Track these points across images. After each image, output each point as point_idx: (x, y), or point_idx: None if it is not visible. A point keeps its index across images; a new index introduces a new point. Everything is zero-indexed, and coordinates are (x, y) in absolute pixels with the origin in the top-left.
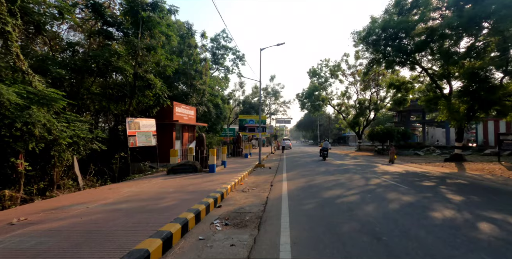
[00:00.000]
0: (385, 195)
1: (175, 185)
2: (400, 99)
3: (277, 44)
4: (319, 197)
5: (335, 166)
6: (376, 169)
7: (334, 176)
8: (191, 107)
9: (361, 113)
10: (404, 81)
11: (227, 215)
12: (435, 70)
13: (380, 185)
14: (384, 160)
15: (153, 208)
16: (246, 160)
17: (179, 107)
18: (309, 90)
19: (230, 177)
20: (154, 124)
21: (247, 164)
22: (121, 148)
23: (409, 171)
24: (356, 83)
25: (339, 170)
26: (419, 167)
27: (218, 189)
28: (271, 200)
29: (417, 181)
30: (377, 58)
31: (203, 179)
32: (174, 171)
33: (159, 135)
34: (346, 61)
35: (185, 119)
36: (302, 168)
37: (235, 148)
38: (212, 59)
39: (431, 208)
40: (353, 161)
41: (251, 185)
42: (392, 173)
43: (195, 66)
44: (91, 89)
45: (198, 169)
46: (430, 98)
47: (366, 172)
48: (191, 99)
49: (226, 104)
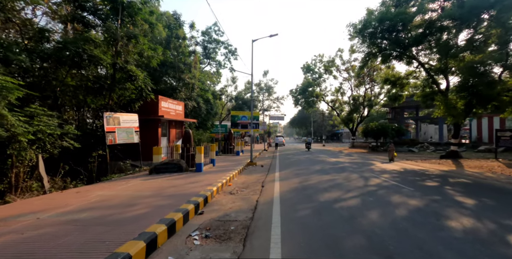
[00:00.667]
0: (388, 198)
1: (154, 187)
2: (396, 95)
3: (270, 35)
4: (315, 200)
5: (330, 164)
6: (373, 167)
7: (330, 175)
8: (179, 102)
9: (355, 110)
10: (399, 76)
11: (209, 224)
12: (432, 65)
13: (381, 185)
14: (379, 157)
15: (118, 219)
16: (238, 158)
17: (165, 101)
18: (302, 86)
19: (218, 177)
20: (136, 120)
21: (238, 162)
22: (100, 145)
23: (407, 169)
24: (350, 79)
25: (335, 169)
26: (416, 164)
27: (202, 192)
28: (261, 204)
29: (419, 180)
30: (373, 52)
31: (188, 179)
32: (157, 171)
33: (143, 131)
34: (340, 56)
35: (172, 114)
36: (295, 166)
37: (226, 145)
38: (203, 53)
39: (445, 215)
40: (348, 158)
41: (241, 185)
42: (391, 172)
43: (184, 59)
44: (65, 81)
45: (184, 168)
46: (426, 93)
47: (363, 170)
48: (179, 93)
49: (218, 100)
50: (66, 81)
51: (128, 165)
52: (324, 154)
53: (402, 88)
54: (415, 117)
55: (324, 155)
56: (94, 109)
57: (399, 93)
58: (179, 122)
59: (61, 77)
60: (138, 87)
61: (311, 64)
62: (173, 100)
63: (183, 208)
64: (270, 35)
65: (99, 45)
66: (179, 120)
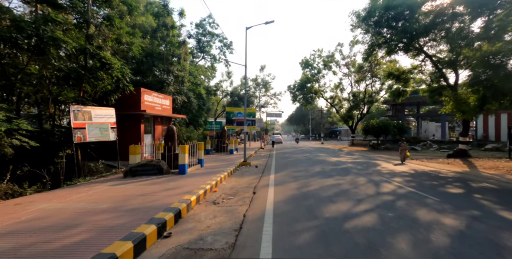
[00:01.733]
0: (413, 213)
1: (118, 196)
2: (399, 90)
3: (266, 23)
4: (319, 216)
5: (331, 164)
6: (379, 168)
7: (333, 179)
8: (166, 96)
9: (355, 106)
10: (404, 70)
11: (173, 256)
12: (440, 58)
13: (397, 193)
14: (382, 156)
15: (30, 255)
16: (231, 157)
17: (149, 95)
18: (301, 82)
19: (203, 181)
20: (113, 114)
21: (230, 162)
22: (69, 144)
23: (417, 171)
24: (350, 74)
25: (338, 170)
26: (424, 164)
27: (176, 203)
28: (249, 221)
29: (438, 186)
30: (378, 42)
31: (165, 184)
32: (133, 173)
33: (123, 128)
34: (340, 51)
35: (158, 109)
36: (293, 167)
37: (219, 143)
38: (197, 47)
39: (506, 245)
40: (350, 157)
41: (228, 192)
42: (401, 174)
43: (172, 50)
44: (26, 69)
45: (164, 171)
46: (433, 88)
47: (370, 172)
48: (168, 87)
49: (213, 96)
50: (27, 69)
51: (101, 167)
52: (323, 153)
53: (406, 83)
54: (416, 114)
55: (324, 154)
56: (63, 102)
57: (403, 89)
58: (167, 118)
59: (21, 65)
60: (114, 77)
61: (310, 59)
62: (158, 93)
63: (137, 233)
64: (265, 22)
65: (68, 28)
66: (166, 116)
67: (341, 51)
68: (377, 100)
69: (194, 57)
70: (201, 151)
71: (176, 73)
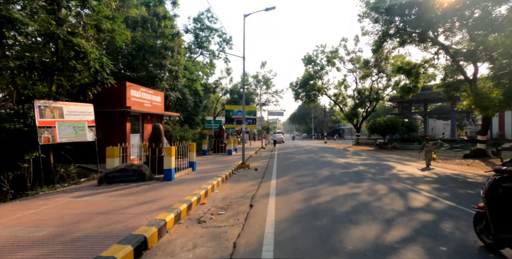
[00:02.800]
0: (473, 245)
1: (71, 216)
2: (410, 86)
3: (266, 9)
4: (339, 250)
5: (339, 166)
6: (395, 171)
7: (347, 186)
8: (156, 92)
9: (360, 104)
10: (415, 64)
11: None
12: (457, 49)
13: (434, 209)
14: (392, 157)
15: None
16: (228, 159)
17: (137, 90)
18: (303, 79)
19: (191, 189)
20: (91, 111)
21: (227, 164)
22: (36, 146)
23: (440, 175)
24: (355, 70)
25: (349, 175)
26: (442, 166)
27: (143, 227)
28: (241, 255)
29: (476, 196)
30: (389, 32)
31: (142, 195)
32: (109, 180)
33: (106, 126)
34: (344, 46)
35: (147, 106)
36: (297, 170)
37: (217, 143)
38: (195, 42)
39: None
40: (358, 158)
41: (220, 204)
42: (424, 180)
43: (165, 41)
44: None
45: (147, 176)
46: (449, 83)
47: (387, 177)
48: (160, 83)
49: (212, 93)
50: None
51: (74, 171)
52: (328, 153)
53: (417, 77)
54: (424, 112)
55: (329, 154)
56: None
57: (413, 84)
58: (158, 116)
59: None
60: (91, 68)
61: (313, 55)
62: (148, 89)
63: None
64: (265, 8)
65: (36, 12)
66: (157, 114)
67: (346, 46)
68: (383, 98)
69: (192, 53)
70: (192, 152)
71: (169, 67)
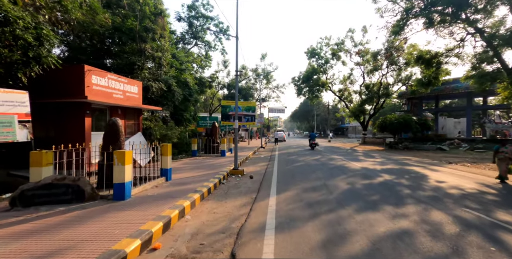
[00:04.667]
0: None
1: None
2: (429, 78)
3: None
4: None
5: (357, 174)
6: (434, 182)
7: (384, 213)
8: (131, 81)
9: (368, 100)
10: (437, 53)
11: None
12: (492, 33)
13: None
14: (410, 159)
15: None
16: (219, 161)
17: (102, 76)
18: (306, 73)
19: (144, 218)
20: (25, 101)
21: (216, 169)
22: None
23: (495, 188)
24: (364, 63)
25: (377, 189)
26: (481, 172)
27: None
28: None
29: None
30: (414, 11)
31: (53, 235)
32: (28, 201)
33: (58, 123)
34: (351, 37)
35: (118, 97)
36: (303, 178)
37: (209, 143)
38: (189, 32)
39: None
40: (373, 161)
41: (183, 250)
42: (485, 198)
43: (146, 22)
44: None
45: (87, 194)
46: (484, 72)
47: (431, 193)
48: (140, 72)
49: (208, 88)
50: None
51: None
52: (337, 154)
53: (438, 68)
54: (435, 109)
55: (338, 155)
56: None
57: (434, 76)
58: (134, 111)
59: None
60: (18, 40)
61: (317, 48)
62: (119, 76)
63: None
64: None
65: None
66: (133, 107)
67: (353, 38)
68: (393, 93)
69: (185, 43)
70: (166, 157)
71: (150, 53)
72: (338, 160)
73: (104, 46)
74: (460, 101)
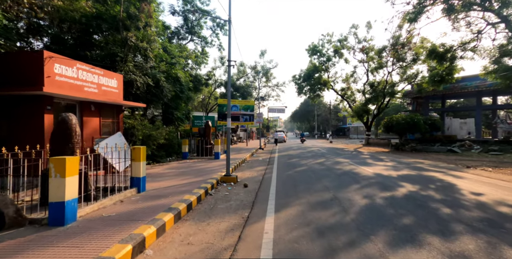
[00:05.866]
0: None
1: None
2: (442, 74)
3: None
4: None
5: (373, 183)
6: (472, 196)
7: (430, 253)
8: (108, 72)
9: (373, 98)
10: (451, 46)
11: None
12: None
13: None
14: (422, 162)
15: None
16: (212, 165)
17: (68, 65)
18: (307, 71)
19: None
20: None
21: (205, 176)
22: None
23: None
24: (369, 60)
25: (405, 206)
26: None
27: None
28: None
29: None
30: None
31: None
32: None
33: (13, 120)
34: (354, 34)
35: (91, 91)
36: (308, 189)
37: (201, 144)
38: (185, 26)
39: None
40: (384, 165)
41: None
42: None
43: (131, 9)
44: None
45: (8, 220)
46: (509, 66)
47: (480, 213)
48: (124, 64)
49: (204, 86)
50: None
51: None
52: (342, 157)
53: (452, 63)
54: (442, 109)
55: (344, 158)
56: None
57: (447, 71)
58: (112, 107)
59: None
60: None
61: (318, 45)
62: (91, 66)
63: None
64: None
65: None
66: (111, 103)
67: (356, 34)
68: (398, 92)
69: (180, 39)
70: (139, 163)
71: (133, 42)
72: (345, 164)
73: (85, 37)
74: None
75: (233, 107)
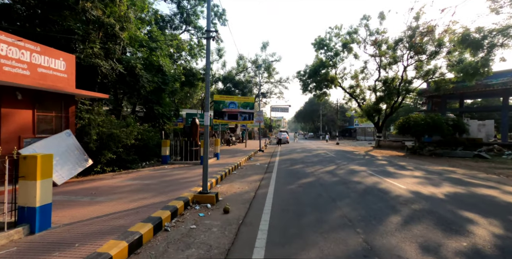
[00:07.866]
0: None
1: None
2: (477, 66)
3: None
4: None
5: (421, 213)
6: None
7: None
8: (51, 50)
9: (386, 96)
10: (490, 31)
11: None
12: None
13: None
14: (454, 171)
15: None
16: (193, 174)
17: None
18: (313, 67)
19: None
20: None
21: (172, 192)
22: None
23: None
24: (382, 54)
25: None
26: None
27: None
28: None
29: None
30: None
31: None
32: None
33: None
34: (366, 25)
35: (17, 73)
36: (320, 223)
37: (187, 146)
38: (179, 15)
39: None
40: (414, 177)
41: None
42: None
43: None
44: None
45: None
46: None
47: None
48: (86, 45)
49: (200, 81)
50: None
51: None
52: (356, 163)
53: (490, 52)
54: (459, 109)
55: (358, 165)
56: None
57: (483, 62)
58: (57, 97)
59: None
60: None
61: (325, 39)
62: (19, 38)
63: None
64: None
65: None
66: (54, 91)
67: (368, 26)
68: (414, 90)
69: (173, 28)
70: (33, 183)
71: (94, 16)
72: (364, 175)
73: (37, 10)
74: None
75: (231, 104)
